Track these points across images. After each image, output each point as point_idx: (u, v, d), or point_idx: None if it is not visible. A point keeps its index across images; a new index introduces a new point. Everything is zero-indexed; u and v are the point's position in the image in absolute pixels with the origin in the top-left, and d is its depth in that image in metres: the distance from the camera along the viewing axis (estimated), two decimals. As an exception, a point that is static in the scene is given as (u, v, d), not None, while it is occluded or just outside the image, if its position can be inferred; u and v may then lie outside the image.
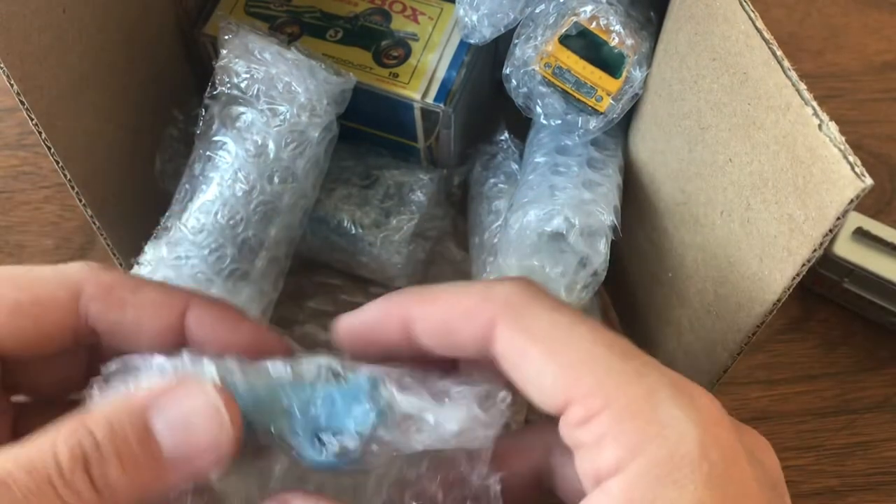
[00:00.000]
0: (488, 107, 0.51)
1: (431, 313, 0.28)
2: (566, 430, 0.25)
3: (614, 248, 0.40)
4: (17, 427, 0.30)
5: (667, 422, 0.23)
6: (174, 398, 0.25)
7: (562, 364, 0.25)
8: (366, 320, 0.29)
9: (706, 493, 0.23)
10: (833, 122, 0.26)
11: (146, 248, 0.41)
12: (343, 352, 0.30)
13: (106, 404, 0.25)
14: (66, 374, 0.30)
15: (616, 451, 0.23)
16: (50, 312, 0.28)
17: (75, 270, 0.29)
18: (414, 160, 0.49)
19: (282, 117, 0.40)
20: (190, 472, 0.25)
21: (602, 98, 0.39)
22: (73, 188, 0.39)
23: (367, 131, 0.48)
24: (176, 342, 0.29)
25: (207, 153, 0.40)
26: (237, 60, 0.41)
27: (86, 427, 0.23)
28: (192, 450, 0.24)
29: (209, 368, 0.27)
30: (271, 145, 0.40)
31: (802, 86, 0.28)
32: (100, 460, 0.23)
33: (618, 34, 0.37)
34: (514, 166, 0.48)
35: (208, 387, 0.25)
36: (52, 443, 0.23)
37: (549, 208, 0.39)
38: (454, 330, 0.27)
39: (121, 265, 0.45)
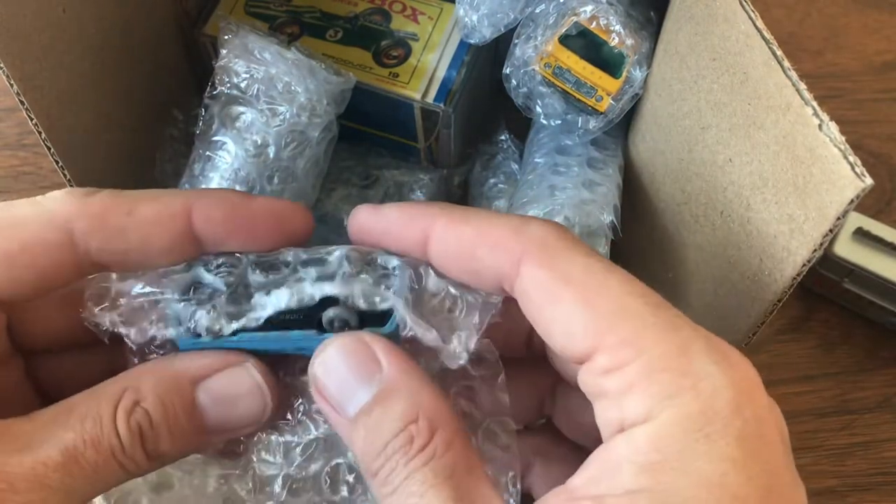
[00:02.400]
0: (488, 107, 0.51)
1: (457, 234, 0.27)
2: (589, 377, 0.25)
3: (614, 248, 0.40)
4: (32, 369, 0.30)
5: (701, 375, 0.23)
6: (220, 378, 0.27)
7: (594, 310, 0.24)
8: (385, 220, 0.28)
9: (737, 450, 0.22)
10: (833, 122, 0.26)
11: (146, 248, 0.41)
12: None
13: (155, 378, 0.26)
14: (74, 324, 0.29)
15: (646, 400, 0.23)
16: (42, 257, 0.26)
17: (59, 204, 0.27)
18: (414, 160, 0.49)
19: (281, 117, 0.40)
20: (228, 437, 0.28)
21: (602, 98, 0.39)
22: (72, 188, 0.39)
23: (367, 131, 0.48)
24: (190, 247, 0.28)
25: (207, 153, 0.40)
26: (237, 60, 0.41)
27: (141, 408, 0.26)
28: (233, 423, 0.27)
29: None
30: (271, 145, 0.40)
31: (802, 86, 0.28)
32: (154, 436, 0.26)
33: (618, 34, 0.37)
34: (514, 166, 0.48)
35: (251, 368, 0.27)
36: (112, 421, 0.25)
37: (549, 208, 0.39)
38: (477, 257, 0.26)
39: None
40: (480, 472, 0.25)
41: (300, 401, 0.30)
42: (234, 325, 0.27)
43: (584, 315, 0.24)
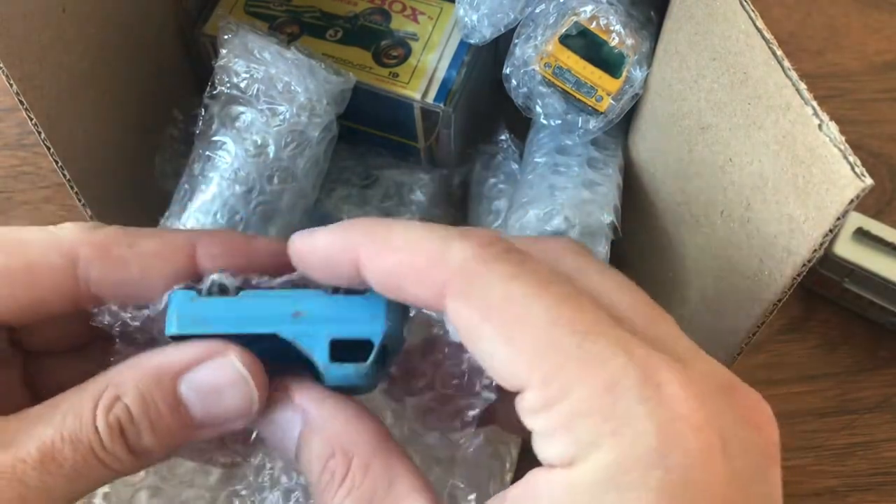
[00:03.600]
0: (488, 107, 0.51)
1: (380, 266, 0.25)
2: (521, 413, 0.23)
3: (614, 248, 0.40)
4: (31, 370, 0.30)
5: (623, 419, 0.21)
6: (203, 370, 0.26)
7: (515, 347, 0.23)
8: (319, 250, 0.27)
9: (657, 498, 0.21)
10: (833, 122, 0.26)
11: (146, 248, 0.41)
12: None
13: (136, 373, 0.26)
14: (72, 330, 0.30)
15: (567, 446, 0.22)
16: (44, 279, 0.27)
17: (67, 232, 0.27)
18: (414, 160, 0.49)
19: (281, 117, 0.40)
20: (219, 432, 0.27)
21: (602, 98, 0.39)
22: (72, 188, 0.39)
23: (367, 131, 0.48)
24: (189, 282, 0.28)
25: (207, 153, 0.40)
26: (237, 60, 0.41)
27: (122, 402, 0.25)
28: (221, 417, 0.26)
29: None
30: (271, 145, 0.40)
31: (802, 85, 0.27)
32: (136, 431, 0.25)
33: (618, 34, 0.37)
34: (514, 166, 0.48)
35: (234, 359, 0.26)
36: (91, 416, 0.25)
37: (548, 208, 0.39)
38: (403, 287, 0.25)
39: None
40: (404, 480, 0.25)
41: None
42: (238, 281, 0.27)
43: (506, 353, 0.23)
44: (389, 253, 0.25)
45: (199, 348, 0.26)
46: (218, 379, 0.26)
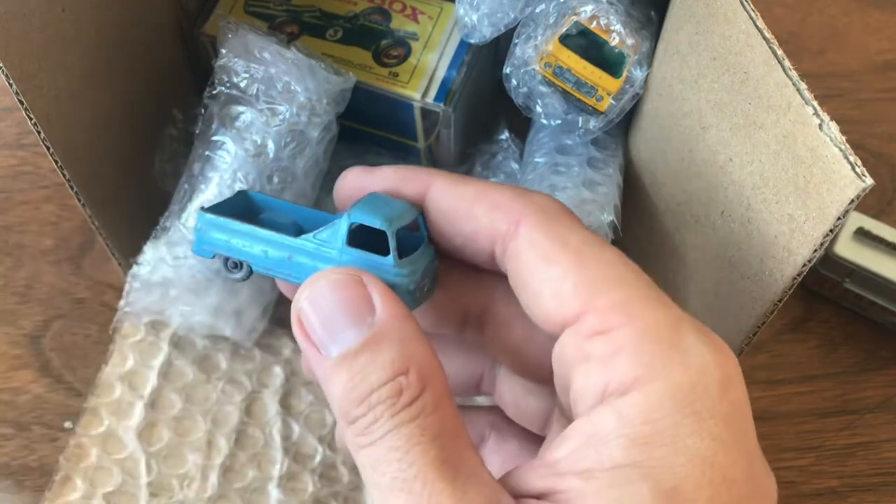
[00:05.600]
0: (488, 107, 0.51)
1: (457, 192, 0.26)
2: (574, 339, 0.24)
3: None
4: None
5: (690, 352, 0.23)
6: None
7: (588, 273, 0.24)
8: (380, 178, 0.28)
9: (725, 431, 0.22)
10: (834, 122, 0.26)
11: (145, 248, 0.41)
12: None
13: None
14: None
15: (634, 366, 0.22)
16: None
17: None
18: (414, 160, 0.49)
19: (281, 117, 0.40)
20: None
21: (602, 98, 0.39)
22: (72, 188, 0.39)
23: (367, 131, 0.48)
24: None
25: (206, 153, 0.40)
26: (236, 60, 0.41)
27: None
28: None
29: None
30: (270, 145, 0.40)
31: (803, 85, 0.27)
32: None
33: (618, 34, 0.37)
34: (515, 166, 0.48)
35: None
36: None
37: (549, 208, 0.39)
38: (474, 215, 0.26)
39: (119, 265, 0.45)
40: (467, 439, 0.24)
41: None
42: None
43: (578, 277, 0.24)
44: (468, 185, 0.26)
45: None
46: None
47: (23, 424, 0.46)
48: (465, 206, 0.26)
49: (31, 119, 0.35)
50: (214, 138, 0.40)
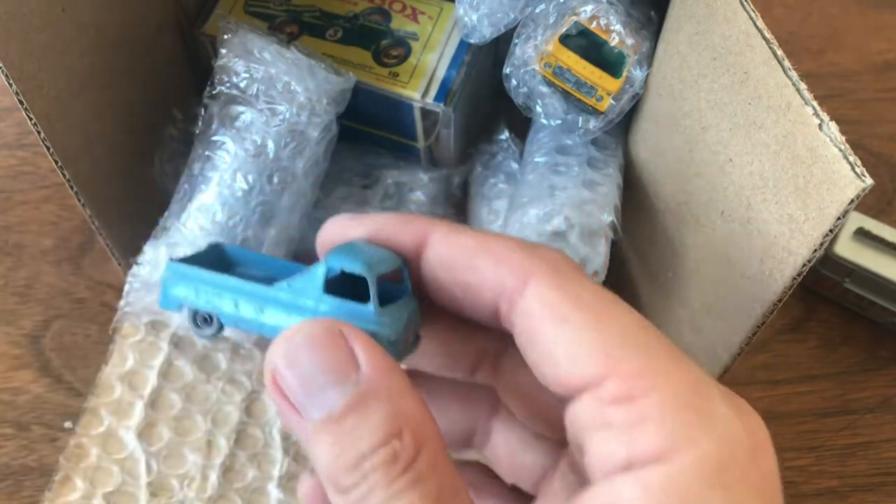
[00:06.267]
0: (488, 107, 0.51)
1: (458, 242, 0.24)
2: (593, 404, 0.22)
3: (614, 247, 0.40)
4: None
5: (719, 419, 0.22)
6: None
7: (607, 335, 0.22)
8: (375, 224, 0.25)
9: (752, 497, 0.21)
10: (833, 122, 0.26)
11: (145, 249, 0.41)
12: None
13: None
14: None
15: (660, 438, 0.21)
16: None
17: None
18: (414, 160, 0.49)
19: (281, 117, 0.40)
20: None
21: (602, 98, 0.39)
22: (71, 188, 0.39)
23: (367, 131, 0.48)
24: None
25: (206, 153, 0.40)
26: (236, 60, 0.41)
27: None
28: None
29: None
30: (270, 145, 0.40)
31: (803, 85, 0.27)
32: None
33: (618, 34, 0.37)
34: (514, 166, 0.48)
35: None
36: None
37: (549, 208, 0.39)
38: (477, 268, 0.24)
39: (119, 265, 0.45)
40: (466, 497, 0.23)
41: None
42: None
43: (596, 338, 0.23)
44: (471, 235, 0.25)
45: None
46: None
47: (23, 424, 0.46)
48: (466, 258, 0.24)
49: (31, 119, 0.35)
50: (214, 138, 0.40)
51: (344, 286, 0.25)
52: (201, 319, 0.26)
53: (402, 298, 0.26)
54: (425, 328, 0.27)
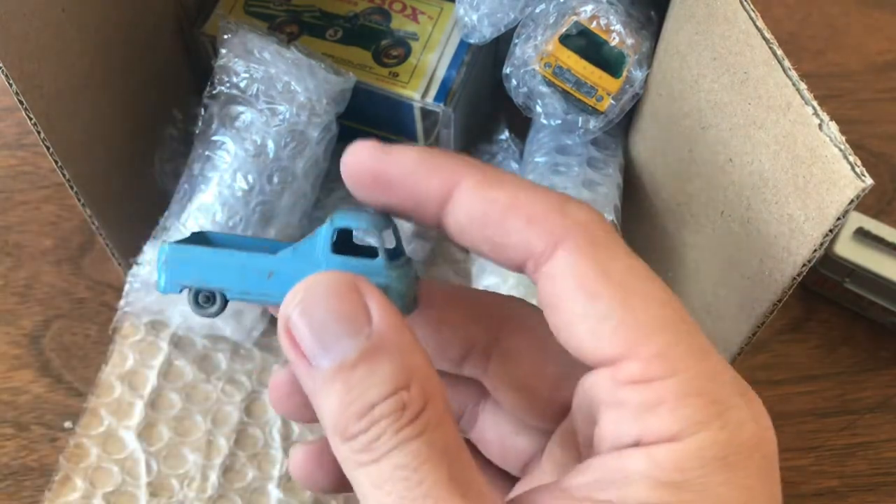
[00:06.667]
0: (488, 107, 0.51)
1: (488, 197, 0.23)
2: (609, 383, 0.23)
3: (614, 248, 0.40)
4: None
5: (728, 405, 0.22)
6: None
7: (633, 315, 0.23)
8: (399, 165, 0.24)
9: (757, 482, 0.22)
10: (833, 122, 0.26)
11: (145, 248, 0.41)
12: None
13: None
14: None
15: (674, 420, 0.22)
16: None
17: None
18: (414, 160, 0.49)
19: (281, 117, 0.40)
20: None
21: (602, 98, 0.39)
22: (71, 188, 0.39)
23: (367, 131, 0.48)
24: None
25: (206, 153, 0.40)
26: (236, 60, 0.41)
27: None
28: None
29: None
30: (270, 145, 0.40)
31: (803, 85, 0.27)
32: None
33: (618, 34, 0.37)
34: (515, 166, 0.48)
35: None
36: None
37: (549, 208, 0.39)
38: (507, 228, 0.23)
39: (119, 265, 0.45)
40: (470, 456, 0.23)
41: None
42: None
43: (621, 318, 0.23)
44: (502, 189, 0.24)
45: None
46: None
47: (23, 424, 0.46)
48: (496, 216, 0.24)
49: (31, 119, 0.35)
50: (214, 138, 0.40)
51: (347, 251, 0.25)
52: (203, 298, 0.26)
53: (402, 258, 0.26)
54: (418, 316, 0.27)
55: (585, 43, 0.38)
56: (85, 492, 0.41)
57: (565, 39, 0.38)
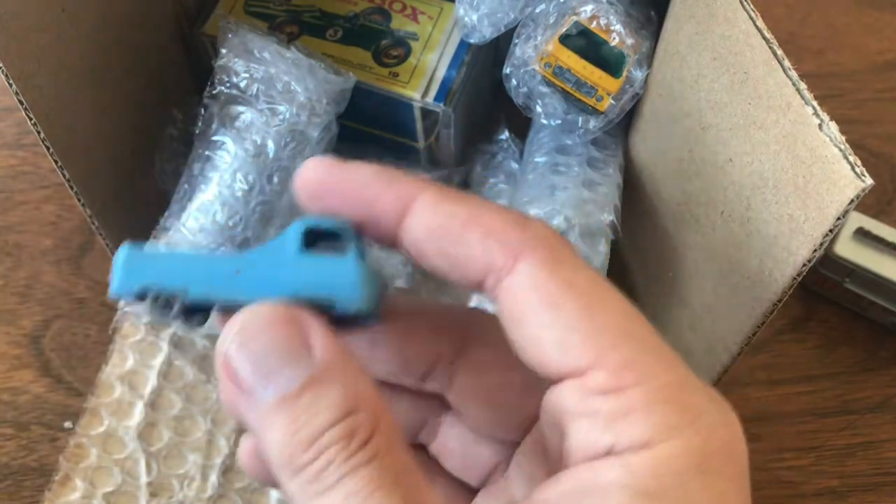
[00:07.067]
0: (488, 107, 0.51)
1: (446, 211, 0.23)
2: (577, 393, 0.22)
3: (614, 248, 0.40)
4: None
5: (700, 412, 0.22)
6: None
7: (598, 324, 0.22)
8: (355, 179, 0.24)
9: (731, 487, 0.22)
10: (833, 122, 0.26)
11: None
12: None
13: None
14: None
15: (645, 427, 0.22)
16: None
17: None
18: (414, 160, 0.49)
19: (281, 117, 0.40)
20: None
21: (602, 98, 0.39)
22: (71, 188, 0.39)
23: (367, 131, 0.48)
24: None
25: (206, 153, 0.40)
26: (236, 60, 0.41)
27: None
28: None
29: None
30: (270, 145, 0.40)
31: (803, 85, 0.27)
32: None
33: (618, 34, 0.37)
34: (515, 166, 0.48)
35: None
36: None
37: (549, 208, 0.39)
38: (465, 241, 0.23)
39: (120, 265, 0.45)
40: (422, 477, 0.22)
41: None
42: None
43: (587, 327, 0.22)
44: (461, 204, 0.23)
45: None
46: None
47: (23, 424, 0.46)
48: (455, 229, 0.23)
49: (31, 119, 0.35)
50: (214, 138, 0.40)
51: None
52: (163, 302, 0.24)
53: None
54: (381, 333, 0.27)
55: (585, 43, 0.38)
56: (85, 492, 0.41)
57: (565, 39, 0.38)
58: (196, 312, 0.24)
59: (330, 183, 0.24)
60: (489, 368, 0.27)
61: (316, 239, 0.24)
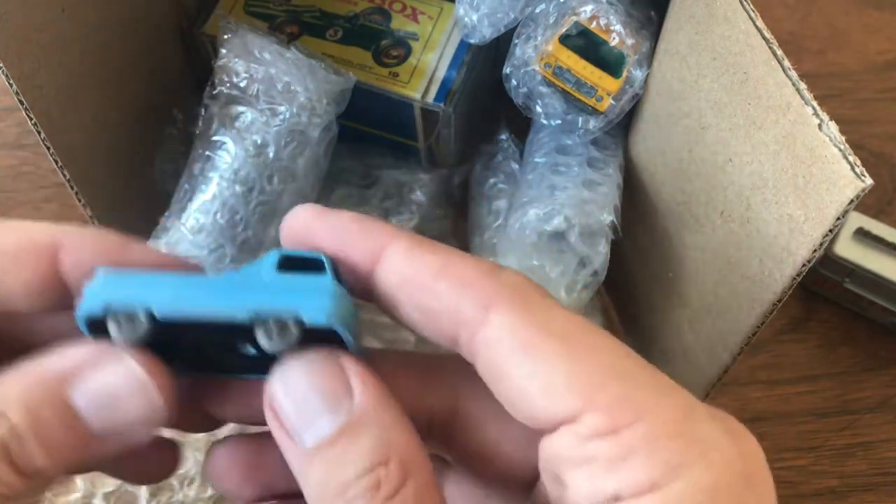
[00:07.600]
0: (488, 107, 0.51)
1: (418, 260, 0.23)
2: (572, 440, 0.21)
3: (614, 248, 0.40)
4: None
5: (710, 444, 0.21)
6: (93, 374, 0.22)
7: (583, 366, 0.21)
8: (334, 225, 0.24)
9: None
10: (833, 122, 0.26)
11: (145, 248, 0.41)
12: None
13: (19, 380, 0.22)
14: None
15: (651, 468, 0.20)
16: None
17: None
18: (414, 160, 0.49)
19: (281, 117, 0.40)
20: (122, 441, 0.23)
21: (602, 98, 0.39)
22: (72, 188, 0.39)
23: (367, 131, 0.48)
24: (53, 293, 0.24)
25: (207, 153, 0.40)
26: (237, 60, 0.41)
27: (6, 419, 0.21)
28: (120, 425, 0.23)
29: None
30: (271, 145, 0.40)
31: (803, 85, 0.27)
32: (22, 449, 0.21)
33: (618, 34, 0.37)
34: (515, 166, 0.48)
35: (129, 360, 0.22)
36: None
37: (549, 208, 0.39)
38: (437, 292, 0.23)
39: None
40: None
41: None
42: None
43: (571, 369, 0.21)
44: (433, 253, 0.23)
45: (91, 351, 0.23)
46: (113, 385, 0.22)
47: (23, 424, 0.46)
48: (426, 279, 0.23)
49: (31, 119, 0.35)
50: (214, 138, 0.40)
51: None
52: (126, 319, 0.23)
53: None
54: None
55: (585, 43, 0.38)
56: (85, 492, 0.41)
57: (565, 39, 0.38)
58: (174, 354, 0.24)
59: (311, 228, 0.24)
60: (486, 422, 0.26)
61: (292, 267, 0.24)
